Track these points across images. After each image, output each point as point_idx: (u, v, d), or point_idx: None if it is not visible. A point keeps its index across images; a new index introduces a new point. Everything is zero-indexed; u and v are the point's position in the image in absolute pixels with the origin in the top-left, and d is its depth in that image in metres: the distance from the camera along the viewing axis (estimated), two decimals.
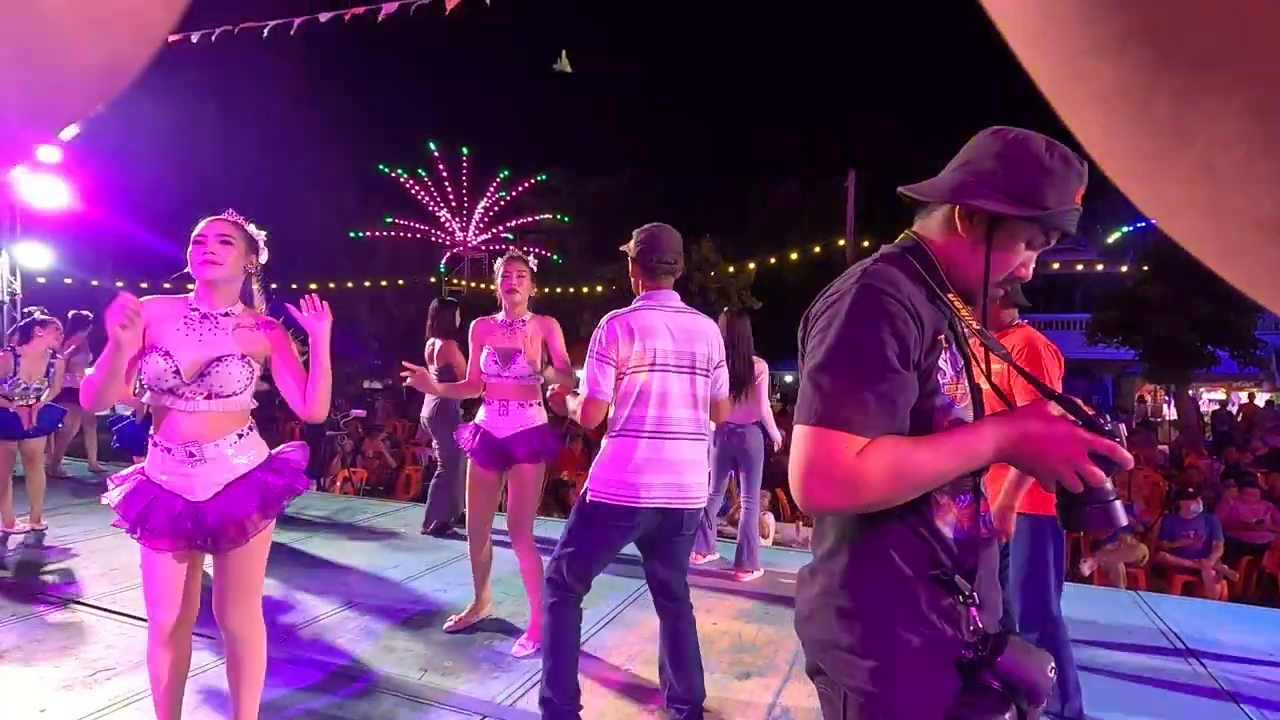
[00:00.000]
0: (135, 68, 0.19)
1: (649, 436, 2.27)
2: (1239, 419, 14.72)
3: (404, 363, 3.12)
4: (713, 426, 4.24)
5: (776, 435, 4.51)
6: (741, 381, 4.11)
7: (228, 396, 1.92)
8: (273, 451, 2.07)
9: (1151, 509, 7.00)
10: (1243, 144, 0.16)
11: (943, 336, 1.07)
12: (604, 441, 2.36)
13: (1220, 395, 20.01)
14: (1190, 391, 14.97)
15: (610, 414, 2.34)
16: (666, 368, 2.30)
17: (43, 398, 4.67)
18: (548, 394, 2.80)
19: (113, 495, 1.95)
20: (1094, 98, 0.18)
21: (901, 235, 1.20)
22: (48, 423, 4.80)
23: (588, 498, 2.30)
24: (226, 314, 1.99)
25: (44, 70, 0.17)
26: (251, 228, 2.06)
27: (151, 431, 1.95)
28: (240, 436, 1.97)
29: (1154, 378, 15.12)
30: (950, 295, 1.10)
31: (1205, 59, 0.15)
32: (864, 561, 1.08)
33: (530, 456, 3.01)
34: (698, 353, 2.36)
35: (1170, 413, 17.22)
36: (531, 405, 3.07)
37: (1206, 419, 16.51)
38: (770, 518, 5.73)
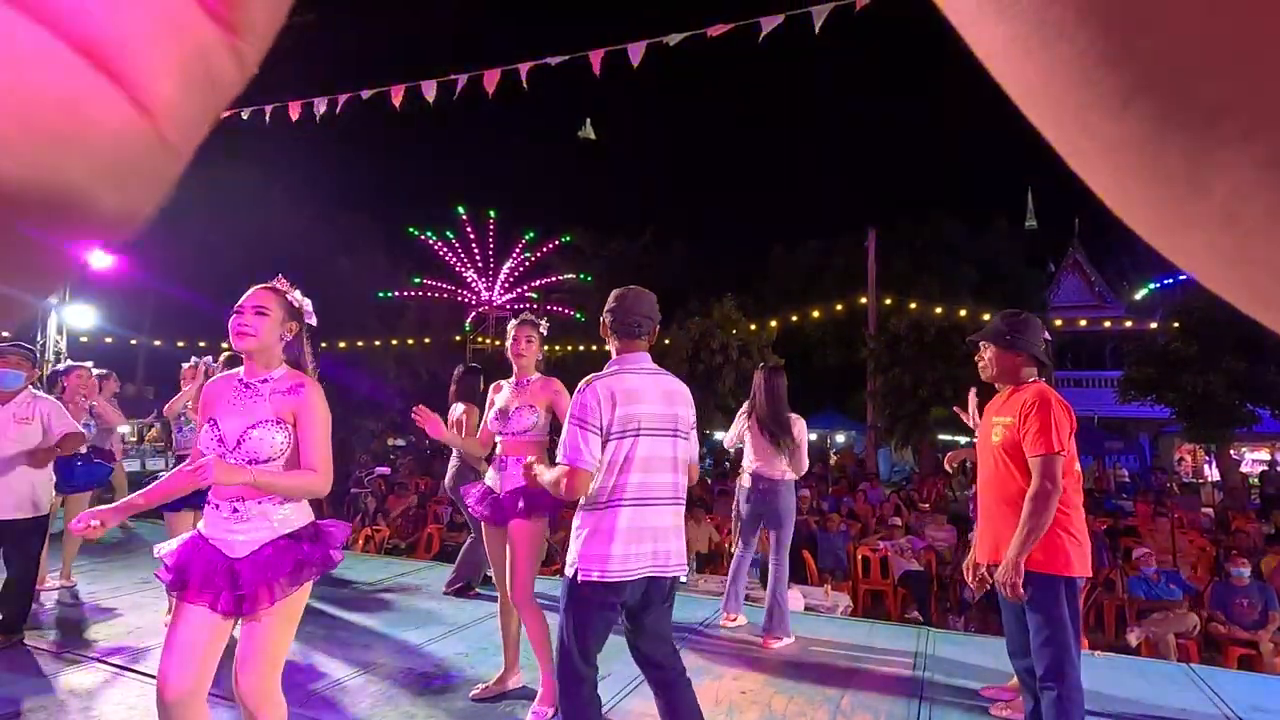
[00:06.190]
0: (148, 210, 0.21)
1: (632, 505, 2.19)
2: None
3: (419, 407, 2.98)
4: (746, 484, 4.21)
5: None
6: (776, 437, 4.09)
7: (265, 462, 1.96)
8: (317, 521, 2.10)
9: (1200, 575, 6.68)
10: (1263, 194, 0.15)
11: None
12: (581, 514, 2.24)
13: (1264, 455, 19.28)
14: (1232, 452, 14.46)
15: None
16: (651, 432, 2.24)
17: (92, 434, 4.94)
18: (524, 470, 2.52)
19: (164, 546, 2.04)
20: (1103, 151, 0.18)
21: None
22: (94, 478, 4.91)
23: (577, 577, 2.19)
24: (265, 380, 2.05)
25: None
26: (295, 295, 2.12)
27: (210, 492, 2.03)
28: (284, 500, 2.00)
29: (1192, 437, 14.63)
30: None
31: (1214, 110, 0.15)
32: None
33: (521, 513, 2.94)
34: (679, 415, 2.32)
35: (1212, 473, 16.60)
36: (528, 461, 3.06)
37: (1254, 480, 15.87)
38: (796, 590, 5.50)
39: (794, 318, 17.82)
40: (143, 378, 22.42)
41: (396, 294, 24.62)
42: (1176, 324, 13.63)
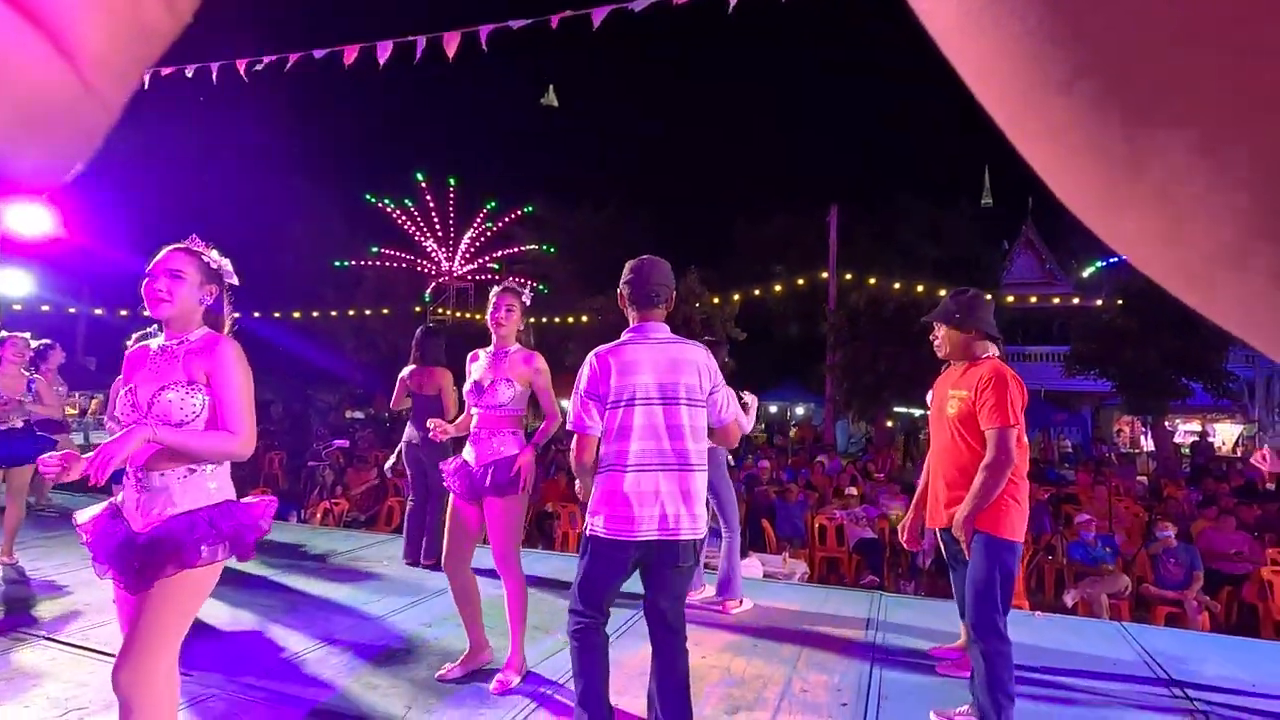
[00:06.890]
0: (77, 159, 0.20)
1: (635, 470, 2.29)
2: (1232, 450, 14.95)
3: (435, 421, 3.15)
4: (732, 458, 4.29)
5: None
6: None
7: (175, 425, 1.85)
8: (240, 500, 1.97)
9: (1133, 540, 7.06)
10: (1195, 178, 0.16)
11: None
12: (595, 478, 2.39)
13: (1195, 426, 20.33)
14: (1166, 423, 15.21)
15: (599, 450, 2.38)
16: (650, 401, 2.31)
17: (31, 409, 4.75)
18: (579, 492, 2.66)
19: (82, 514, 1.97)
20: (1047, 131, 0.18)
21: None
22: (36, 451, 4.73)
23: (586, 532, 2.38)
24: (181, 342, 1.94)
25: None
26: (212, 255, 2.00)
27: None
28: (191, 471, 1.89)
29: (1131, 409, 15.35)
30: None
31: (1153, 93, 0.15)
32: None
33: (497, 489, 2.91)
34: (686, 383, 2.36)
35: (1148, 444, 17.47)
36: (503, 434, 2.99)
37: (1185, 450, 16.77)
38: (755, 558, 5.64)
39: (756, 292, 17.96)
40: (83, 348, 21.48)
41: (353, 263, 23.98)
42: (1120, 301, 14.17)
